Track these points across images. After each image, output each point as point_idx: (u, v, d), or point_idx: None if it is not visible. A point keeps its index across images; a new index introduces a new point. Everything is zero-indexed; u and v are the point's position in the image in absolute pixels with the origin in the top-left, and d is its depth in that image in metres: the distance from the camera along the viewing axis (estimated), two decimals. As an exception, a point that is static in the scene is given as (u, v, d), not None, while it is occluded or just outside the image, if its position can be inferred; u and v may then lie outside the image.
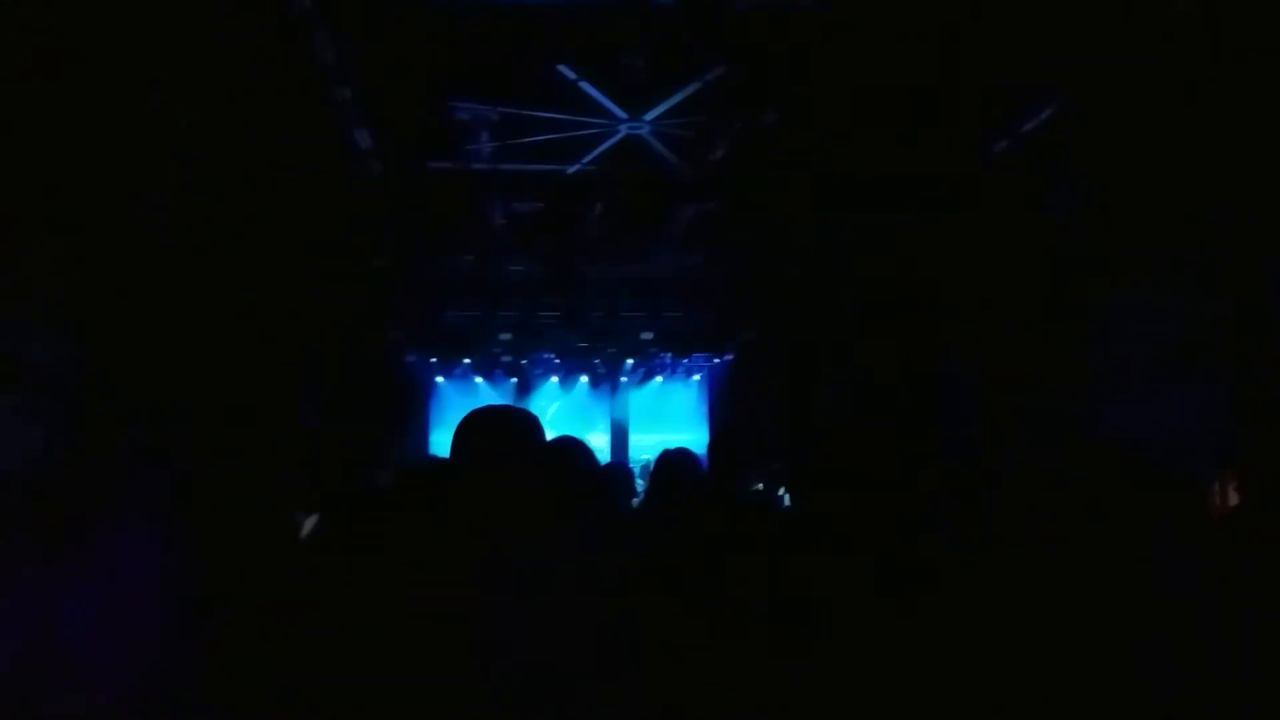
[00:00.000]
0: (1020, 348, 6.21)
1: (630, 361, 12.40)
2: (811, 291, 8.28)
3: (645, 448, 12.32)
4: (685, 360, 12.47)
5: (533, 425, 1.82)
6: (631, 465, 9.61)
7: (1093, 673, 1.30)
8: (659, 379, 13.06)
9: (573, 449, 2.21)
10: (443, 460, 1.87)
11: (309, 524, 3.11)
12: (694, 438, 11.76)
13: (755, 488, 4.48)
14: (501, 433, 1.76)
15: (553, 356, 12.36)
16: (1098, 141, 5.37)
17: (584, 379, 13.03)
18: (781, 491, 4.98)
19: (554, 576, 1.73)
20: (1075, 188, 5.65)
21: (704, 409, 12.98)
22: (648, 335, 11.36)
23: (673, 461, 2.56)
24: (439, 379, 12.48)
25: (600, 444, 12.49)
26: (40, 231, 4.57)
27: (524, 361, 12.31)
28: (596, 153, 6.69)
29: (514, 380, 12.72)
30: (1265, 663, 1.21)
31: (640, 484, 6.26)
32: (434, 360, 12.12)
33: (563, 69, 5.43)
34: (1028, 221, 6.04)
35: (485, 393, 12.49)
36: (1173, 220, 5.05)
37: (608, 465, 3.83)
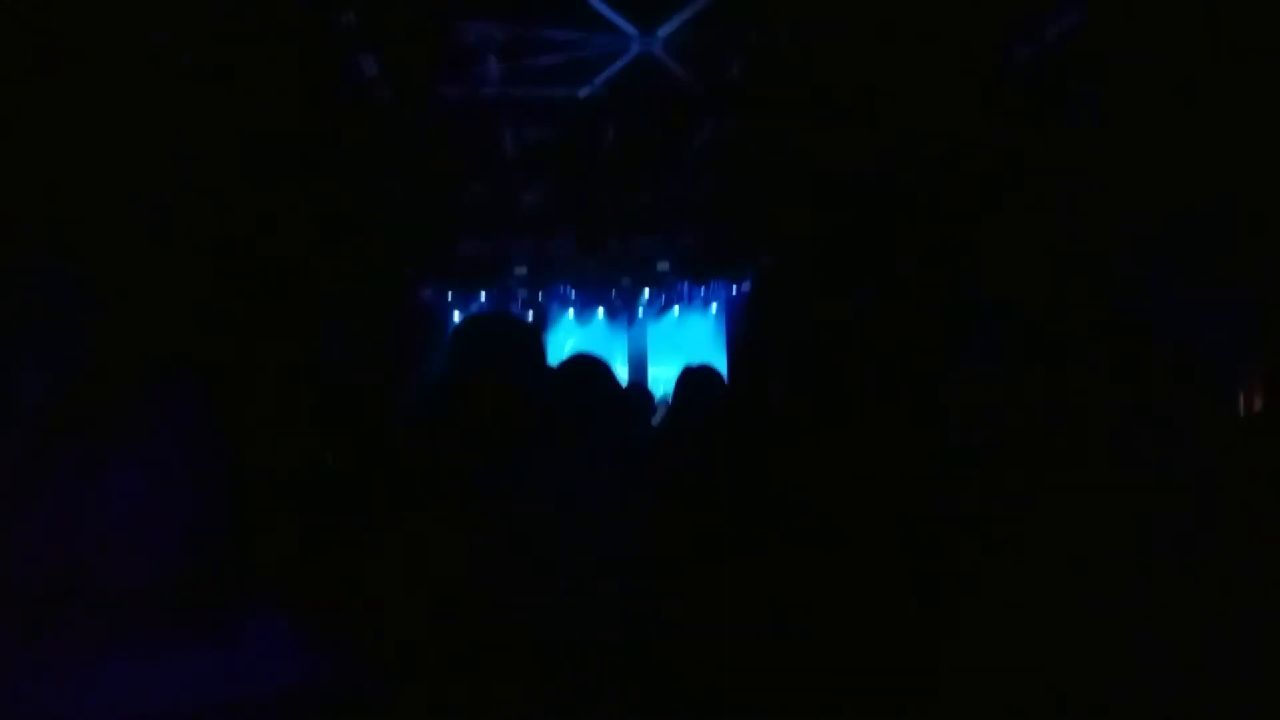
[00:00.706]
0: (1047, 270, 6.06)
1: (647, 292, 12.31)
2: (831, 213, 8.13)
3: (664, 379, 12.29)
4: (703, 289, 12.36)
5: (536, 335, 1.74)
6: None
7: (1092, 672, 1.27)
8: (676, 309, 12.97)
9: (590, 365, 2.13)
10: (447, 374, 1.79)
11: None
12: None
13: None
14: (504, 343, 1.68)
15: (569, 289, 12.30)
16: (1121, 51, 5.19)
17: (601, 311, 12.96)
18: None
19: (577, 492, 1.67)
20: (1097, 98, 5.47)
21: (723, 338, 12.90)
22: (664, 264, 11.25)
23: (696, 377, 2.48)
24: (455, 313, 12.45)
25: (620, 375, 12.47)
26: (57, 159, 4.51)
27: (540, 294, 12.26)
28: (609, 73, 6.52)
29: (530, 314, 12.68)
30: (1265, 663, 1.18)
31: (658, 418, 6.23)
32: (450, 294, 12.07)
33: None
34: (1054, 135, 5.87)
35: (502, 327, 12.47)
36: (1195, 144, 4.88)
37: (627, 386, 3.77)
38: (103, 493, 0.95)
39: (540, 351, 1.76)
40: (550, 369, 1.98)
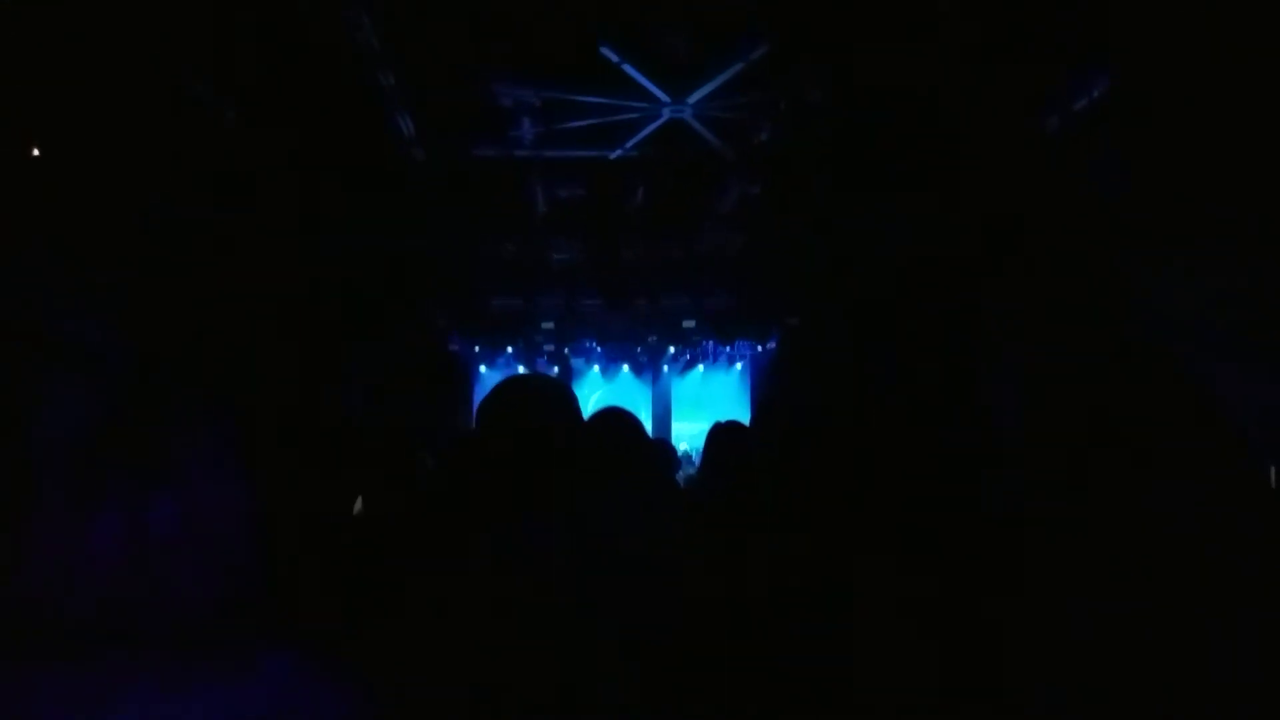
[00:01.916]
0: (1069, 328, 6.10)
1: (672, 349, 12.40)
2: (856, 275, 8.21)
3: (687, 436, 12.31)
4: (728, 348, 12.43)
5: (570, 394, 1.82)
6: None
7: (1096, 671, 1.29)
8: (701, 367, 13.04)
9: (620, 416, 2.21)
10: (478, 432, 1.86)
11: (358, 504, 3.16)
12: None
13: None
14: (541, 399, 1.76)
15: (595, 345, 12.40)
16: (1148, 117, 5.27)
17: (626, 367, 13.05)
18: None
19: (611, 538, 1.73)
20: (1125, 163, 5.54)
21: (746, 397, 12.94)
22: (690, 323, 11.35)
23: (725, 431, 2.56)
24: (482, 368, 12.56)
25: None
26: (94, 223, 4.69)
27: (566, 350, 12.37)
28: (640, 137, 6.68)
29: (556, 369, 12.77)
30: (1265, 663, 1.20)
31: (682, 474, 6.27)
32: (477, 349, 12.19)
33: (606, 51, 5.43)
34: (1076, 198, 5.94)
35: (528, 381, 12.53)
36: (1225, 196, 4.93)
37: (652, 440, 3.83)
38: (140, 529, 1.01)
39: (575, 409, 1.84)
40: (583, 421, 2.05)
